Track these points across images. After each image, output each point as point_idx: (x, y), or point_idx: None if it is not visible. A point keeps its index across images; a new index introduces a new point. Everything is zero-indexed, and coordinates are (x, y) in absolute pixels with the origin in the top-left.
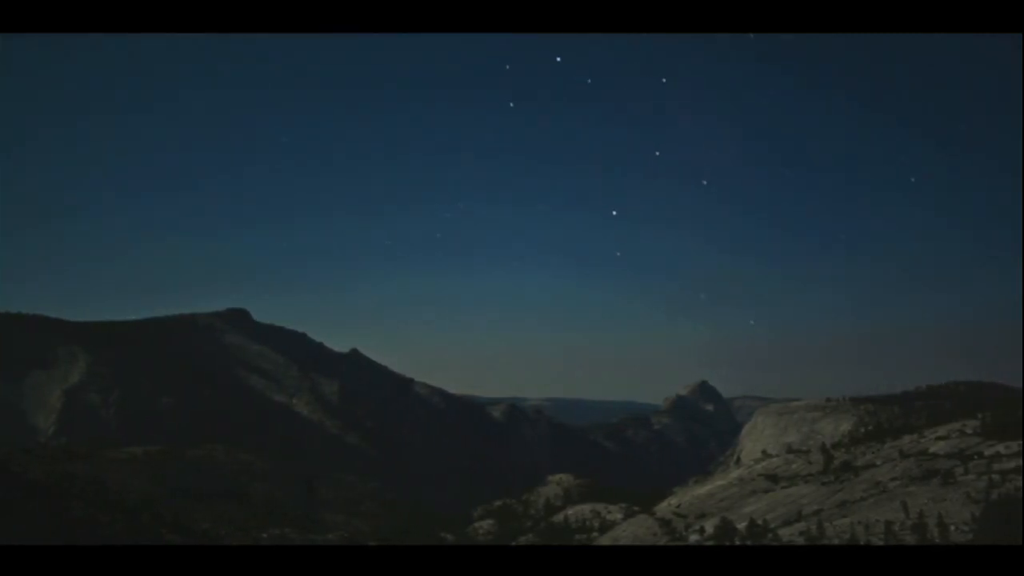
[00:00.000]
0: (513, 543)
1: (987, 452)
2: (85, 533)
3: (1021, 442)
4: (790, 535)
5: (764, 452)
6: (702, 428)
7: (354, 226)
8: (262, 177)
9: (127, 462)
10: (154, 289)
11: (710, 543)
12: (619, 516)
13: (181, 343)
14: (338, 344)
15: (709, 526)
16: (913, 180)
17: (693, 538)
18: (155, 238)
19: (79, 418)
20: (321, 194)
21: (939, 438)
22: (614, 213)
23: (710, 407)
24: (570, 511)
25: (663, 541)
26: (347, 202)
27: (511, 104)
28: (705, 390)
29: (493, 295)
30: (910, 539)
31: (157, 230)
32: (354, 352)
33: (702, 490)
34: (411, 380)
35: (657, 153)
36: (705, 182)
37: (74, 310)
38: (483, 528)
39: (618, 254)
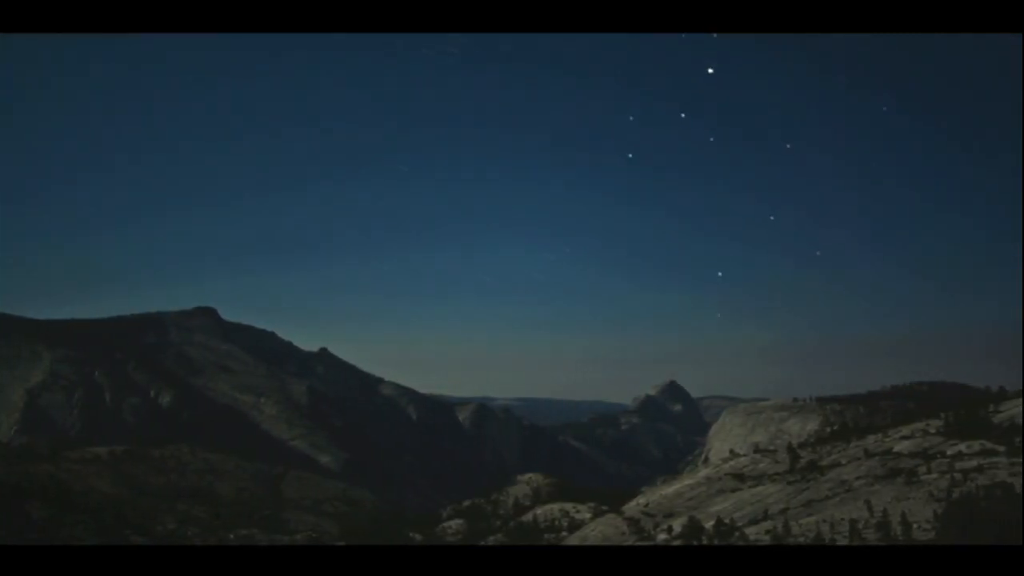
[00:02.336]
0: (482, 543)
1: (949, 451)
2: (47, 534)
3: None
4: (756, 534)
5: (732, 451)
6: (671, 428)
7: (328, 226)
8: (235, 174)
9: (91, 462)
10: (120, 287)
11: (678, 542)
12: (588, 515)
13: (147, 342)
14: (307, 343)
15: (677, 525)
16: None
17: (661, 537)
18: (124, 235)
19: (42, 418)
20: (295, 193)
21: (903, 437)
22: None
23: (679, 407)
24: (539, 510)
25: (631, 540)
26: (323, 203)
27: (630, 155)
28: (674, 390)
29: (465, 295)
30: (874, 537)
31: (125, 226)
32: (323, 351)
33: (670, 489)
34: (380, 380)
35: (772, 218)
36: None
37: (37, 308)
38: (452, 528)
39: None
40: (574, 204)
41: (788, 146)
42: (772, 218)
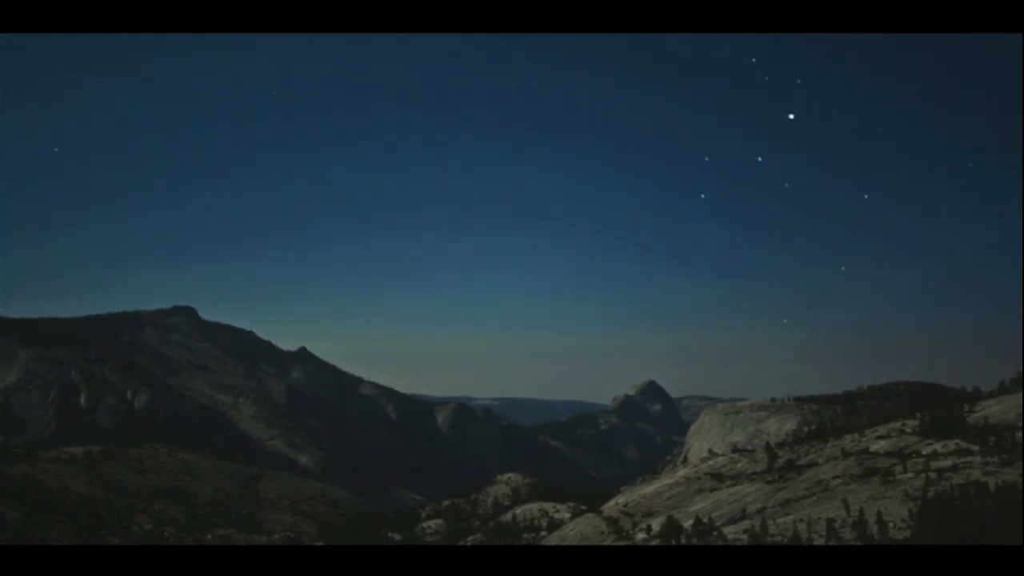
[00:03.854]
0: (461, 543)
1: (925, 451)
2: (22, 534)
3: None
4: (735, 533)
5: (711, 451)
6: (650, 427)
7: (305, 225)
8: (210, 172)
9: (66, 462)
10: (97, 285)
11: (656, 541)
12: (567, 515)
13: (124, 341)
14: (286, 343)
15: (656, 525)
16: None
17: (640, 536)
18: (102, 231)
19: (16, 417)
20: (272, 192)
21: (879, 437)
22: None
23: (658, 407)
24: (518, 510)
25: (610, 540)
26: (301, 201)
27: (702, 196)
28: (653, 390)
29: (444, 295)
30: (850, 536)
31: (102, 222)
32: (302, 351)
33: (649, 489)
34: (360, 379)
35: (843, 269)
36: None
37: (12, 306)
38: (431, 528)
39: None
40: (572, 200)
41: (866, 196)
42: (843, 269)
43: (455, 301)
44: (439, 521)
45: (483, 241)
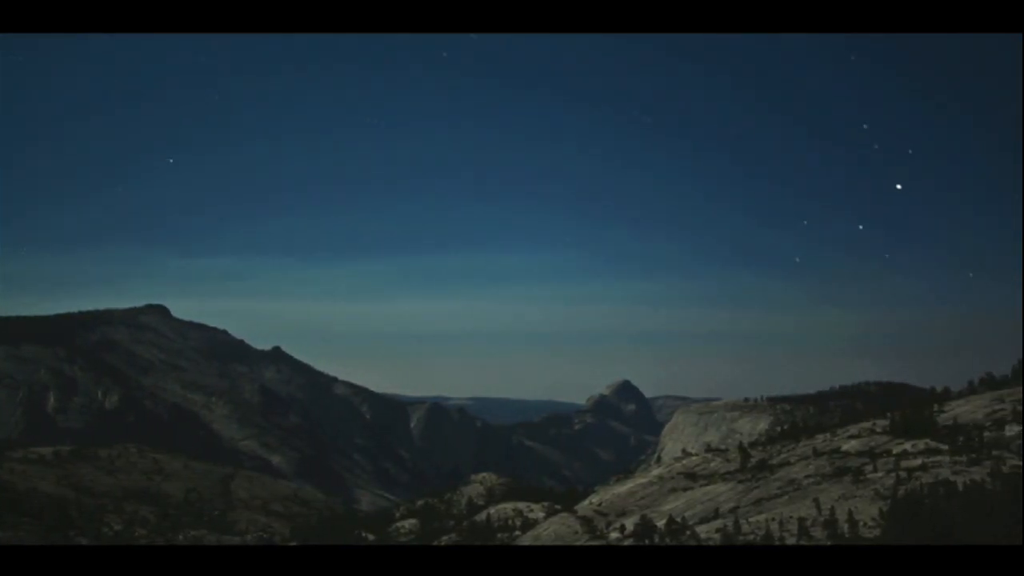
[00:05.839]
0: (435, 543)
1: (895, 450)
2: None
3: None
4: (707, 532)
5: (684, 451)
6: (624, 427)
7: (284, 222)
8: (187, 168)
9: (35, 462)
10: (69, 283)
11: (630, 541)
12: (541, 515)
13: (95, 339)
14: (260, 342)
15: (629, 524)
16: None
17: (613, 536)
18: (72, 228)
19: None
20: (253, 189)
21: (851, 436)
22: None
23: (632, 406)
24: (492, 510)
25: (584, 539)
26: (281, 199)
27: (797, 259)
28: (627, 389)
29: (421, 293)
30: (821, 535)
31: (72, 219)
32: (276, 350)
33: (623, 488)
34: (334, 379)
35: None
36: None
37: None
38: (405, 528)
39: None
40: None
41: (971, 275)
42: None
43: (432, 299)
44: (413, 521)
45: (472, 240)
